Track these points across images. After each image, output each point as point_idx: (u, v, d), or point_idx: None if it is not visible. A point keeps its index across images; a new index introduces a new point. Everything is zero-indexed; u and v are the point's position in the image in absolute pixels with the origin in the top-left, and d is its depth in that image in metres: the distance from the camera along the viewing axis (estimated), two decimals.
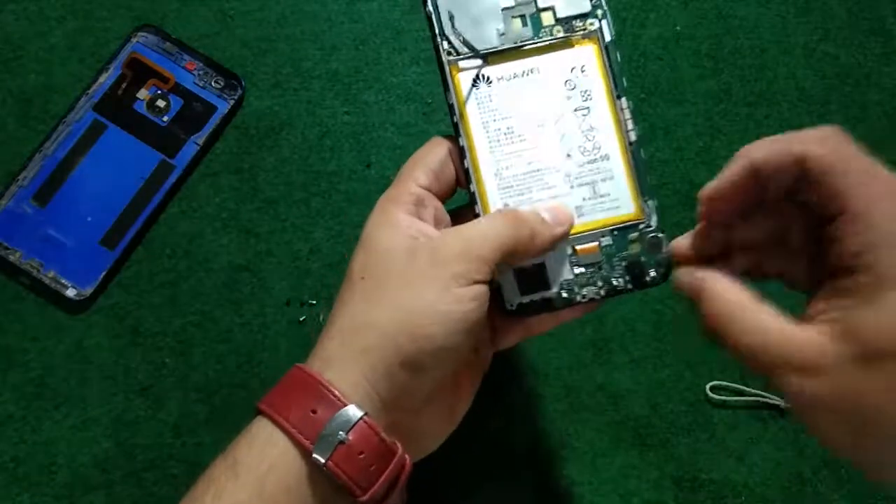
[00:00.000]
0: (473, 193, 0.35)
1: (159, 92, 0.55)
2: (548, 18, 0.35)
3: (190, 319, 0.53)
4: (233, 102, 0.55)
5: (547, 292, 0.35)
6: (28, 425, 0.51)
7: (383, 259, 0.32)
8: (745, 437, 0.53)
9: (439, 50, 0.34)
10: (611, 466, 0.52)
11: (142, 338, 0.52)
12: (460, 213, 0.37)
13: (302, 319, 0.53)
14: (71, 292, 0.52)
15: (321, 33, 0.57)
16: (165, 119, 0.55)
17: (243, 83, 0.55)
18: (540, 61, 0.34)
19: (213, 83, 0.55)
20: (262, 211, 0.54)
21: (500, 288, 0.35)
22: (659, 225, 0.35)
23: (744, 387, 0.53)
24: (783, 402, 0.53)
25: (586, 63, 0.34)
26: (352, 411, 0.30)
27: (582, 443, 0.52)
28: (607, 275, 0.35)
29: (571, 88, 0.34)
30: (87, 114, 0.54)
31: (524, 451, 0.52)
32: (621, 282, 0.35)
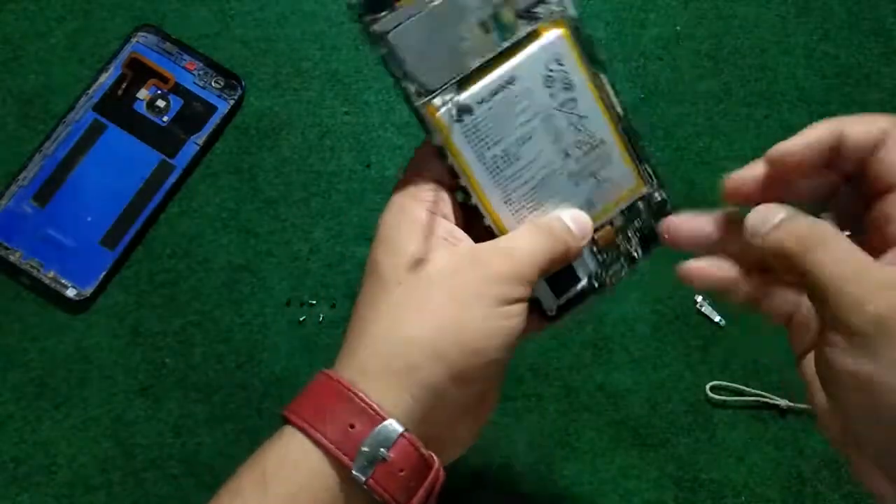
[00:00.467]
0: (489, 227, 0.34)
1: (159, 92, 0.55)
2: (508, 15, 0.32)
3: (190, 319, 0.53)
4: (233, 102, 0.55)
5: (578, 287, 0.35)
6: (28, 425, 0.51)
7: (423, 268, 0.31)
8: (745, 437, 0.53)
9: (408, 94, 0.32)
10: (611, 466, 0.52)
11: (142, 338, 0.52)
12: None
13: (302, 319, 0.53)
14: (71, 292, 0.52)
15: (321, 33, 0.57)
16: (165, 119, 0.55)
17: (243, 83, 0.55)
18: (514, 66, 0.32)
19: (213, 83, 0.55)
20: (262, 211, 0.54)
21: (536, 300, 0.35)
22: (662, 186, 0.35)
23: (744, 387, 0.53)
24: (783, 402, 0.53)
25: (560, 52, 0.33)
26: (391, 427, 0.29)
27: (582, 443, 0.52)
28: (626, 249, 0.36)
29: (551, 84, 0.33)
30: (87, 114, 0.54)
31: (524, 451, 0.52)
32: (640, 252, 0.36)
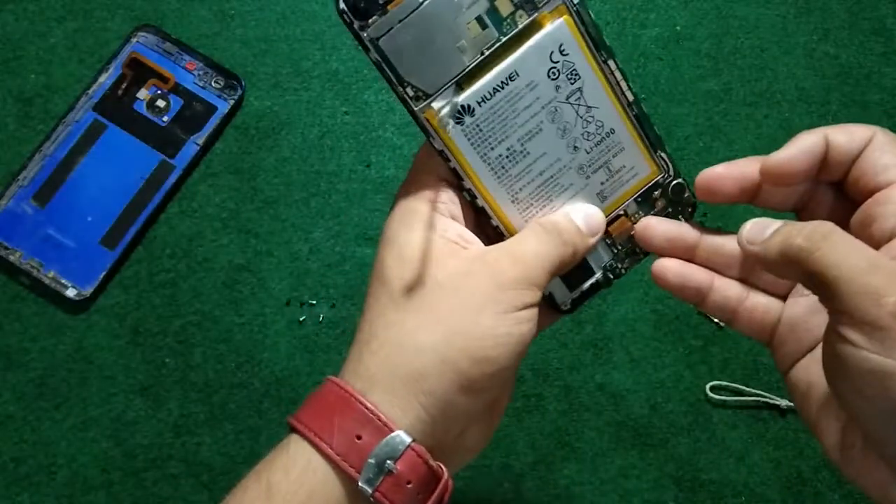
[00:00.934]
0: (497, 227, 0.33)
1: (159, 92, 0.55)
2: (505, 6, 0.30)
3: (190, 319, 0.53)
4: (233, 102, 0.55)
5: (592, 278, 0.35)
6: (28, 425, 0.51)
7: (430, 273, 0.31)
8: (745, 437, 0.53)
9: (405, 99, 0.31)
10: (611, 466, 0.52)
11: (142, 338, 0.52)
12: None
13: (302, 319, 0.53)
14: (71, 292, 0.52)
15: (321, 33, 0.57)
16: (165, 119, 0.55)
17: (243, 83, 0.55)
18: (515, 61, 0.31)
19: (213, 83, 0.55)
20: (261, 211, 0.54)
21: (550, 295, 0.34)
22: (677, 171, 0.34)
23: (744, 387, 0.53)
24: (783, 403, 0.53)
25: (563, 40, 0.31)
26: (399, 438, 0.29)
27: (582, 443, 0.52)
28: None
29: (556, 77, 0.32)
30: (87, 114, 0.54)
31: (524, 451, 0.52)
32: None
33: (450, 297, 0.30)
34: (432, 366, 0.29)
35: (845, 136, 0.29)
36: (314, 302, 0.53)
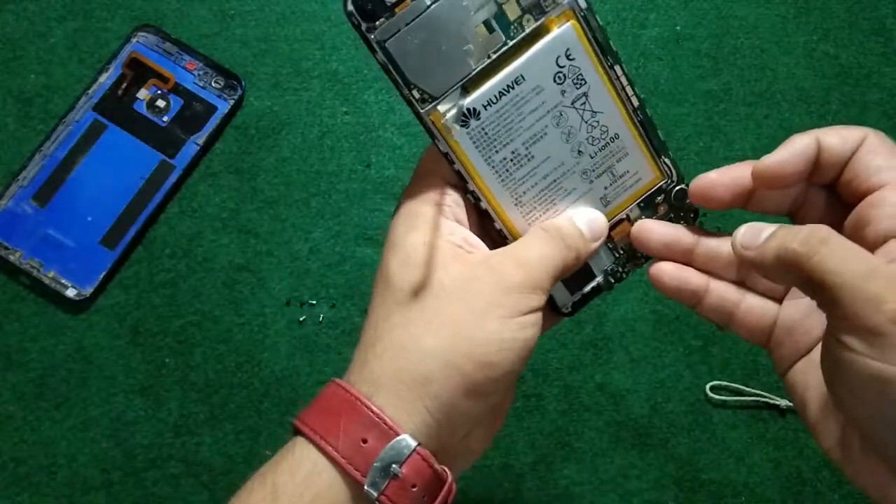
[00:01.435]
0: (500, 230, 0.33)
1: (159, 92, 0.55)
2: (513, 11, 0.31)
3: (190, 319, 0.53)
4: (233, 102, 0.55)
5: (594, 282, 0.35)
6: (28, 425, 0.51)
7: (435, 277, 0.31)
8: (745, 437, 0.53)
9: (411, 101, 0.31)
10: (611, 466, 0.52)
11: (142, 338, 0.52)
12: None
13: (302, 319, 0.53)
14: (71, 292, 0.52)
15: (321, 33, 0.57)
16: (165, 119, 0.55)
17: (243, 83, 0.55)
18: (522, 65, 0.31)
19: (213, 83, 0.55)
20: (262, 211, 0.54)
21: (551, 297, 0.35)
22: (681, 176, 0.34)
23: (744, 387, 0.53)
24: (783, 403, 0.53)
25: (570, 45, 0.31)
26: (404, 442, 0.29)
27: (582, 443, 0.52)
28: None
29: (562, 81, 0.32)
30: (87, 114, 0.54)
31: (524, 451, 0.52)
32: None
33: (455, 301, 0.30)
34: (437, 370, 0.29)
35: (837, 138, 0.29)
36: (314, 302, 0.53)
